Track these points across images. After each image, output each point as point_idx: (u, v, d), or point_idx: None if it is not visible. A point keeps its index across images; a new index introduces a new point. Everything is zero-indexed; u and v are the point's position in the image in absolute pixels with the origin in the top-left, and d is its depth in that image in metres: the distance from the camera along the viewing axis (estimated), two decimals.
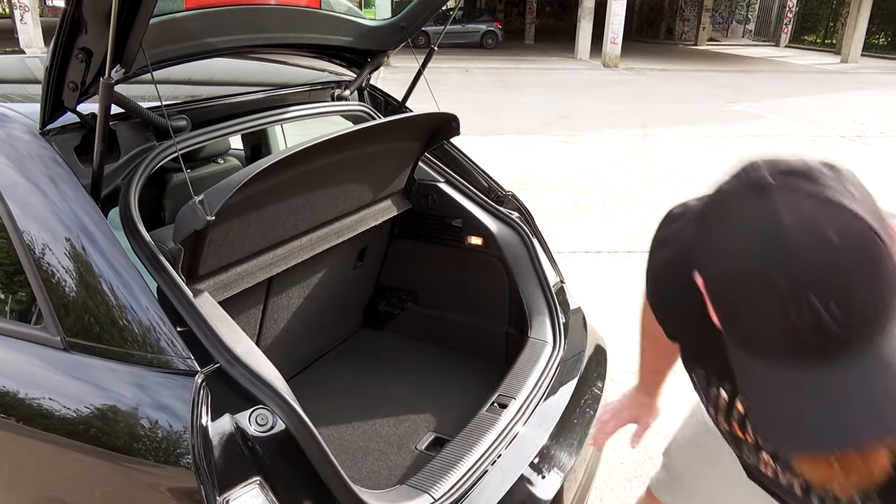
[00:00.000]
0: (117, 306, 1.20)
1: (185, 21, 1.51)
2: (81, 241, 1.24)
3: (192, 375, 1.14)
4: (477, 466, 1.45)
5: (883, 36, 25.40)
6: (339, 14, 1.96)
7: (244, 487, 1.11)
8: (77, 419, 1.22)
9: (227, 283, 1.59)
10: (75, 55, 1.20)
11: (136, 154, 1.45)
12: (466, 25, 23.11)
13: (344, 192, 1.93)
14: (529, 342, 1.94)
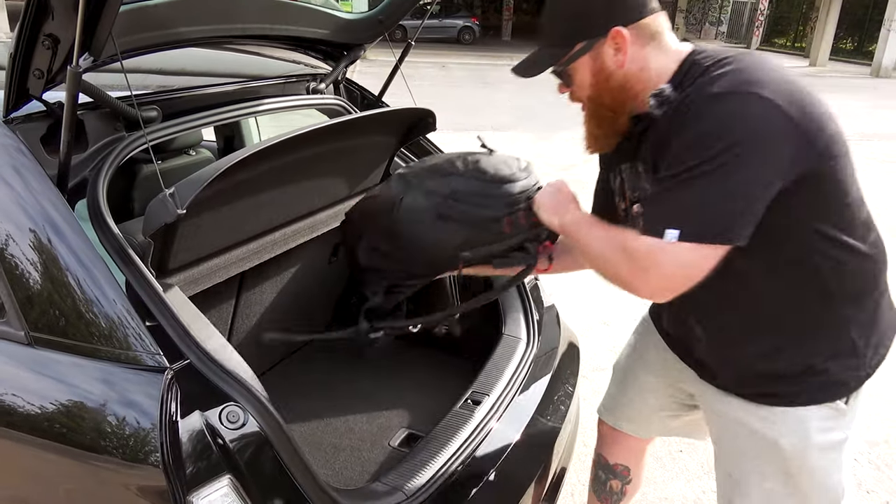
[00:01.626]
0: (84, 300, 1.18)
1: (158, 9, 1.47)
2: (47, 233, 1.20)
3: (162, 372, 1.11)
4: (450, 463, 1.45)
5: (850, 41, 25.95)
6: (316, 6, 1.94)
7: (214, 486, 1.09)
8: (42, 416, 1.19)
9: (197, 278, 1.56)
10: (41, 42, 1.16)
11: (105, 145, 1.42)
12: (443, 20, 23.06)
13: (319, 186, 1.90)
14: (503, 339, 1.94)
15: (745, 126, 1.08)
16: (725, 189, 1.09)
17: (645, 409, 1.71)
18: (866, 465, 2.64)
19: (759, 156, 1.08)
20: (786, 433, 1.31)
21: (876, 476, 2.58)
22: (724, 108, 1.10)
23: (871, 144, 9.16)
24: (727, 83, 1.11)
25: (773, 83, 1.12)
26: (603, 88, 1.26)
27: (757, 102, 1.09)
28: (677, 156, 1.13)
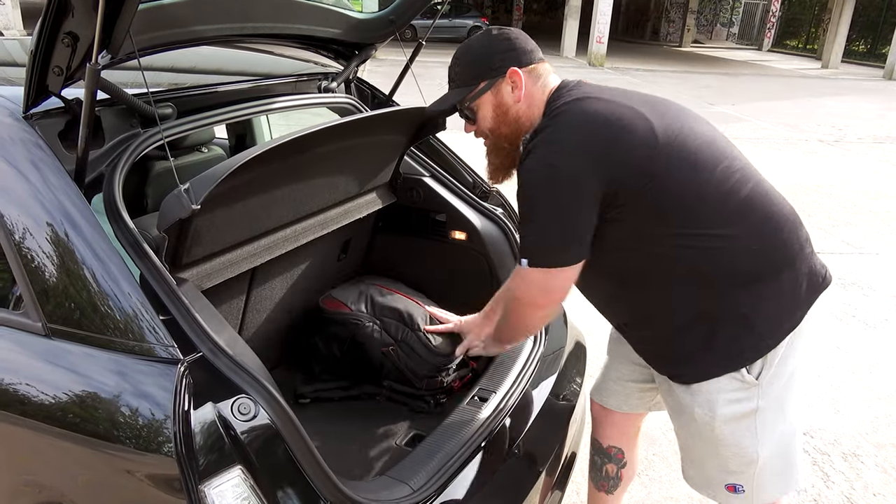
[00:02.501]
0: (99, 293, 1.20)
1: (173, 8, 1.50)
2: (64, 226, 1.23)
3: (175, 364, 1.14)
4: (456, 458, 1.47)
5: (863, 43, 25.77)
6: (328, 5, 1.96)
7: (225, 476, 1.11)
8: (58, 406, 1.21)
9: (210, 273, 1.59)
10: (61, 39, 1.18)
11: (121, 141, 1.44)
12: (453, 20, 23.03)
13: (329, 184, 1.93)
14: None
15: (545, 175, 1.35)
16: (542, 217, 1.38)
17: (622, 381, 1.82)
18: (873, 468, 2.64)
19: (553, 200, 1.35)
20: (697, 404, 1.49)
21: (883, 479, 2.58)
22: (529, 162, 1.38)
23: (883, 147, 9.11)
24: (541, 139, 1.38)
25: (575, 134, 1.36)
26: (502, 121, 1.48)
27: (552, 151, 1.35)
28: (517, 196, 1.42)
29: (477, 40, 1.50)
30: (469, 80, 1.48)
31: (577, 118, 1.38)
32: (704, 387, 1.46)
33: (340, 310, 2.06)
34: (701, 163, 1.38)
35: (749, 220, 1.40)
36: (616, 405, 1.84)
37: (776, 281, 1.41)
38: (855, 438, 2.82)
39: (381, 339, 2.00)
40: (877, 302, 4.19)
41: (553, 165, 1.34)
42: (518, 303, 1.53)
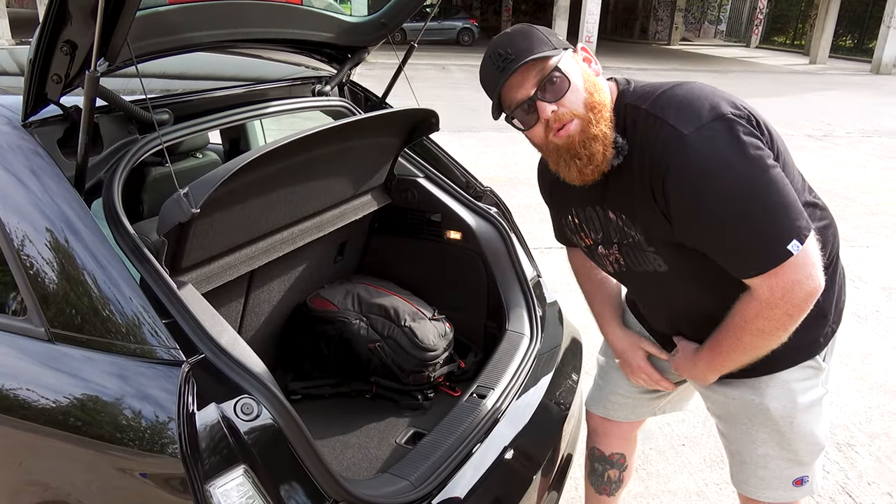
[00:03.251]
0: (101, 297, 1.21)
1: (168, 15, 1.51)
2: (65, 232, 1.24)
3: (178, 365, 1.15)
4: (456, 455, 1.49)
5: (849, 38, 25.97)
6: (320, 10, 1.98)
7: (230, 475, 1.13)
8: (62, 409, 1.22)
9: (209, 276, 1.60)
10: (60, 48, 1.20)
11: (119, 147, 1.46)
12: (443, 22, 23.11)
13: (325, 186, 1.94)
14: (507, 335, 1.97)
15: (737, 145, 1.17)
16: (776, 191, 1.17)
17: (631, 394, 1.76)
18: (867, 457, 2.67)
19: (761, 157, 1.17)
20: (773, 397, 1.42)
21: (877, 468, 2.61)
22: (704, 145, 1.17)
23: (871, 141, 9.18)
24: (683, 124, 1.19)
25: (713, 97, 1.22)
26: (596, 89, 1.27)
27: (723, 124, 1.18)
28: (702, 202, 1.19)
29: (523, 26, 1.30)
30: (546, 47, 1.23)
31: (704, 90, 1.24)
32: (781, 377, 1.41)
33: (328, 308, 2.09)
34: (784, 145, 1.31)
35: (818, 209, 1.37)
36: (624, 416, 1.81)
37: (837, 268, 1.43)
38: (849, 429, 2.85)
39: (367, 335, 2.04)
40: (868, 294, 4.24)
41: (739, 127, 1.17)
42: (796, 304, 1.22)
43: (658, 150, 1.21)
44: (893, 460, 2.66)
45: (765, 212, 1.17)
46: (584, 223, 1.48)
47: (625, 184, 1.30)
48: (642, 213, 1.31)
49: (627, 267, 1.46)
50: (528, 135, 1.32)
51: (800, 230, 1.17)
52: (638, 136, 1.25)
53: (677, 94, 1.24)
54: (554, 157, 1.32)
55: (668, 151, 1.19)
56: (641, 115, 1.25)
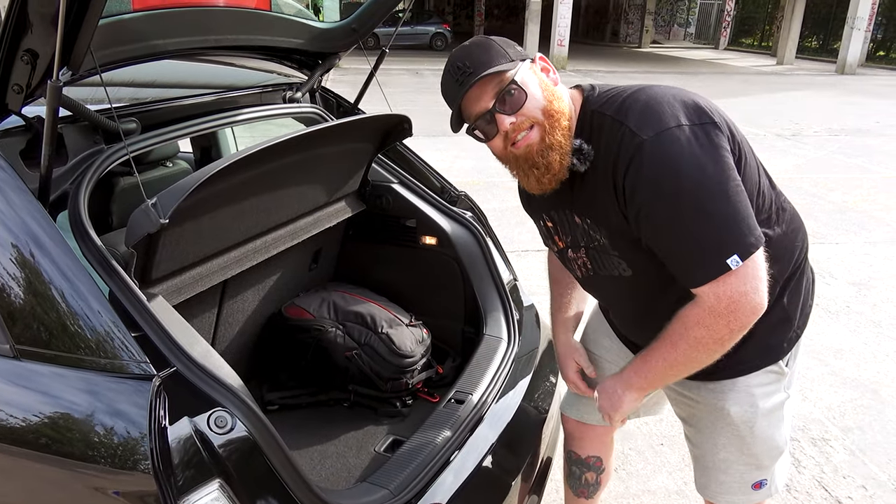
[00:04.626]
0: (69, 312, 1.18)
1: (133, 23, 1.49)
2: (29, 246, 1.21)
3: (149, 380, 1.13)
4: (435, 461, 1.48)
5: (815, 39, 26.50)
6: (290, 16, 1.96)
7: (204, 490, 1.10)
8: (29, 428, 1.19)
9: (180, 287, 1.58)
10: (20, 57, 1.17)
11: (85, 157, 1.43)
12: (415, 27, 23.12)
13: (298, 194, 1.92)
14: (485, 339, 1.97)
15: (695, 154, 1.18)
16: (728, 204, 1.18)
17: None
18: (841, 450, 2.71)
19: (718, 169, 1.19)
20: (734, 402, 1.44)
21: (851, 462, 2.65)
22: (661, 150, 1.19)
23: (838, 139, 9.36)
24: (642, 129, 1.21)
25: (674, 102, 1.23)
26: (554, 97, 1.28)
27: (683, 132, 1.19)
28: (653, 204, 1.21)
29: (481, 39, 1.31)
30: (504, 60, 1.25)
31: (666, 94, 1.25)
32: (742, 382, 1.42)
33: (303, 316, 2.07)
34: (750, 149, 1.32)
35: (787, 213, 1.38)
36: (598, 420, 1.78)
37: (804, 272, 1.44)
38: (823, 423, 2.90)
39: (344, 343, 2.02)
40: (838, 290, 4.31)
41: (697, 136, 1.18)
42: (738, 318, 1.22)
43: (619, 153, 1.23)
44: (867, 453, 2.70)
45: (710, 222, 1.18)
46: (557, 226, 1.50)
47: (590, 188, 1.32)
48: (606, 217, 1.33)
49: (594, 271, 1.47)
50: (489, 145, 1.34)
51: (745, 245, 1.18)
52: (603, 141, 1.27)
53: (639, 98, 1.26)
54: (513, 167, 1.35)
55: (627, 155, 1.21)
56: (606, 121, 1.27)
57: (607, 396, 1.48)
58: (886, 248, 5.07)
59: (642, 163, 1.19)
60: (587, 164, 1.29)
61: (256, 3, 1.85)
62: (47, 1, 1.08)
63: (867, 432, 2.84)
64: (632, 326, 1.59)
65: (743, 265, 1.17)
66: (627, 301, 1.51)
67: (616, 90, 1.32)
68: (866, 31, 19.98)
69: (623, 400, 1.44)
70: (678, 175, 1.17)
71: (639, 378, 1.40)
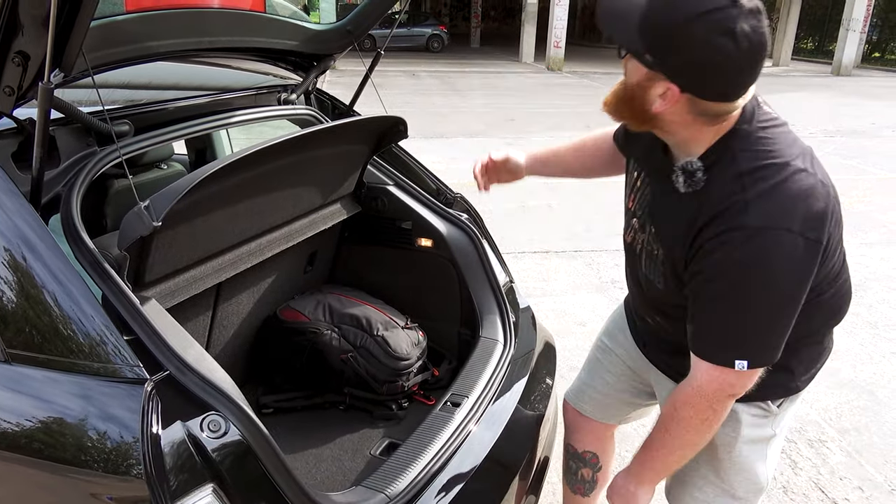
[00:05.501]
0: (61, 315, 1.17)
1: (126, 24, 1.48)
2: (21, 249, 1.20)
3: (142, 384, 1.12)
4: (432, 465, 1.47)
5: (810, 40, 26.57)
6: (285, 17, 1.96)
7: (198, 495, 1.09)
8: (21, 433, 1.18)
9: (174, 290, 1.57)
10: (11, 59, 1.16)
11: (77, 160, 1.42)
12: (412, 29, 23.15)
13: (293, 196, 1.92)
14: (481, 341, 1.96)
15: (783, 267, 1.16)
16: (775, 321, 1.21)
17: (606, 391, 1.79)
18: (838, 452, 2.71)
19: (791, 289, 1.19)
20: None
21: (848, 463, 2.65)
22: (753, 247, 1.15)
23: (833, 141, 9.38)
24: (761, 216, 1.15)
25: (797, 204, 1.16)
26: (634, 97, 1.21)
27: (790, 240, 1.15)
28: (716, 277, 1.20)
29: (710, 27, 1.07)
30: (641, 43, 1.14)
31: (802, 188, 1.17)
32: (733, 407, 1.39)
33: (298, 319, 2.06)
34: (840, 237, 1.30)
35: (840, 279, 1.36)
36: (591, 412, 1.83)
37: (827, 341, 1.44)
38: (820, 425, 2.90)
39: (339, 346, 2.01)
40: None
41: (797, 249, 1.15)
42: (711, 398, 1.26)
43: (719, 212, 1.19)
44: (864, 455, 2.70)
45: (747, 323, 1.21)
46: (639, 191, 1.45)
47: (676, 211, 1.27)
48: (671, 244, 1.31)
49: (639, 253, 1.45)
50: None
51: (760, 359, 1.22)
52: (717, 185, 1.20)
53: (780, 177, 1.17)
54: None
55: (726, 223, 1.17)
56: (731, 171, 1.19)
57: (621, 497, 1.49)
58: (882, 249, 5.07)
59: (732, 243, 1.16)
60: (688, 188, 1.24)
61: (251, 4, 1.84)
62: (38, 2, 1.07)
63: (864, 434, 2.85)
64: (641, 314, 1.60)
65: (745, 371, 1.22)
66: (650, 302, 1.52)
67: (767, 144, 1.21)
68: (861, 32, 20.03)
69: (637, 496, 1.46)
70: (751, 275, 1.17)
71: (645, 470, 1.44)
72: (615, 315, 1.82)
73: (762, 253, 1.15)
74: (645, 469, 1.44)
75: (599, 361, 1.81)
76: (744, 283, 1.18)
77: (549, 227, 5.41)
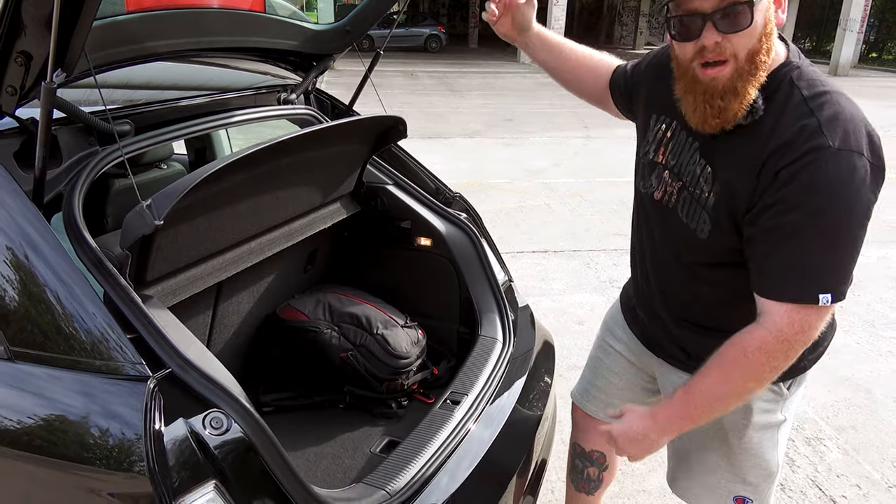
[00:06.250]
0: (63, 313, 1.18)
1: (127, 24, 1.49)
2: (24, 247, 1.21)
3: (144, 381, 1.13)
4: (432, 462, 1.48)
5: (808, 40, 26.61)
6: (284, 18, 1.96)
7: (200, 491, 1.10)
8: (24, 430, 1.19)
9: (175, 289, 1.57)
10: (14, 59, 1.17)
11: (79, 159, 1.42)
12: (410, 29, 23.16)
13: (293, 195, 1.93)
14: (480, 340, 1.97)
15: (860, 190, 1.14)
16: (851, 248, 1.16)
17: (609, 390, 1.78)
18: (835, 450, 2.73)
19: (865, 215, 1.16)
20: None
21: (845, 461, 2.66)
22: (837, 167, 1.12)
23: None
24: (838, 138, 1.14)
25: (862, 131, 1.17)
26: (767, 41, 1.18)
27: (863, 164, 1.14)
28: (793, 207, 1.15)
29: None
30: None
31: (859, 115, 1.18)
32: None
33: (298, 318, 2.07)
34: None
35: None
36: (594, 411, 1.83)
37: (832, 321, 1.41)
38: (817, 423, 2.91)
39: (339, 344, 2.03)
40: None
41: (868, 175, 1.14)
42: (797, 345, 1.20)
43: (793, 139, 1.16)
44: (861, 452, 2.72)
45: (829, 254, 1.15)
46: (671, 142, 1.39)
47: (736, 144, 1.23)
48: (730, 182, 1.24)
49: (674, 207, 1.37)
50: (676, 45, 1.24)
51: (840, 292, 1.15)
52: (781, 112, 1.19)
53: (838, 101, 1.19)
54: (685, 86, 1.25)
55: (802, 147, 1.14)
56: (796, 97, 1.19)
57: (636, 443, 1.37)
58: (879, 248, 5.09)
59: (814, 165, 1.13)
60: (749, 119, 1.20)
61: (250, 4, 1.85)
62: (41, 3, 1.08)
63: (861, 431, 2.86)
64: (655, 292, 1.52)
65: (827, 307, 1.15)
66: (676, 262, 1.43)
67: (818, 76, 1.23)
68: (859, 32, 20.07)
69: (656, 445, 1.36)
70: (837, 197, 1.13)
71: (679, 419, 1.32)
72: (613, 312, 1.82)
73: (846, 173, 1.12)
74: (679, 418, 1.31)
75: (602, 361, 1.80)
76: (829, 206, 1.13)
77: (548, 227, 5.43)
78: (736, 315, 1.29)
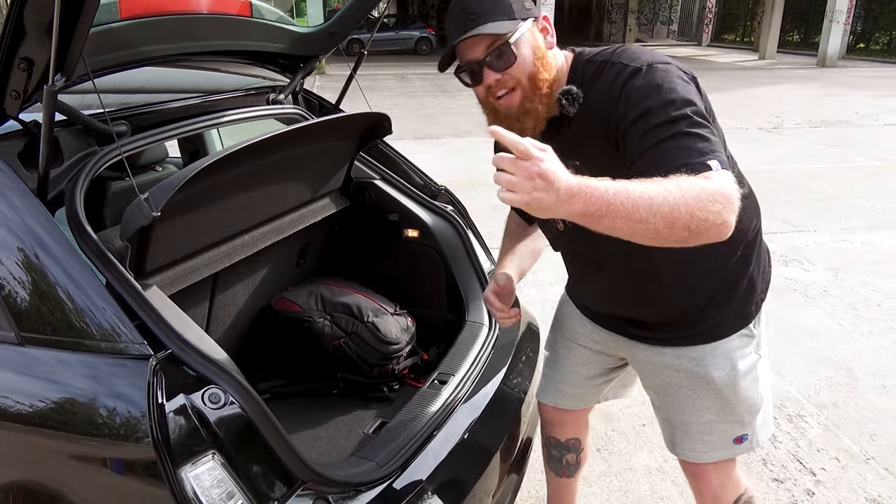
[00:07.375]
0: (69, 300, 1.27)
1: (121, 30, 1.57)
2: (31, 241, 1.29)
3: (146, 360, 1.21)
4: (420, 435, 1.56)
5: (796, 33, 26.79)
6: (271, 21, 2.05)
7: (201, 460, 1.19)
8: (35, 410, 1.27)
9: (173, 279, 1.66)
10: (17, 64, 1.25)
11: (79, 159, 1.51)
12: (400, 32, 23.26)
13: (283, 190, 2.01)
14: (467, 325, 2.06)
15: (684, 81, 1.26)
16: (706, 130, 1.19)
17: (578, 382, 1.82)
18: (816, 426, 2.82)
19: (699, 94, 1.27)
20: (716, 367, 1.52)
21: (825, 436, 2.75)
22: (661, 73, 1.25)
23: (818, 131, 9.51)
24: (642, 60, 1.28)
25: (662, 56, 1.32)
26: (542, 65, 1.33)
27: (673, 68, 1.28)
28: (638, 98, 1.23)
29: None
30: (509, 13, 1.30)
31: (650, 52, 1.31)
32: (721, 348, 1.51)
33: (292, 309, 2.16)
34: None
35: (744, 188, 1.34)
36: (573, 404, 1.87)
37: (761, 240, 1.54)
38: (799, 401, 3.00)
39: (332, 332, 2.11)
40: (816, 275, 4.43)
41: (685, 76, 1.27)
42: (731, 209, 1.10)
43: (613, 82, 1.28)
44: (840, 427, 2.81)
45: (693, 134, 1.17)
46: (558, 220, 1.51)
47: (579, 128, 1.36)
48: (595, 153, 1.30)
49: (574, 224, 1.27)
50: (474, 89, 1.41)
51: (721, 161, 1.14)
52: (596, 82, 1.33)
53: (630, 48, 1.34)
54: (490, 117, 1.40)
55: (623, 79, 1.27)
56: (599, 64, 1.33)
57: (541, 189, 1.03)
58: (864, 233, 5.19)
59: (638, 77, 1.24)
60: (576, 106, 1.34)
61: (238, 9, 1.94)
62: (42, 11, 1.16)
63: (841, 408, 2.95)
64: (601, 295, 1.63)
65: (722, 171, 1.12)
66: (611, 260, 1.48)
67: (604, 48, 1.39)
68: (845, 23, 20.24)
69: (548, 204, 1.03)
70: (672, 90, 1.22)
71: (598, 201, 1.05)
72: (563, 310, 1.86)
73: (662, 77, 1.24)
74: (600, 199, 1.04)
75: (565, 357, 1.81)
76: (666, 102, 1.20)
77: None
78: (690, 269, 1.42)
